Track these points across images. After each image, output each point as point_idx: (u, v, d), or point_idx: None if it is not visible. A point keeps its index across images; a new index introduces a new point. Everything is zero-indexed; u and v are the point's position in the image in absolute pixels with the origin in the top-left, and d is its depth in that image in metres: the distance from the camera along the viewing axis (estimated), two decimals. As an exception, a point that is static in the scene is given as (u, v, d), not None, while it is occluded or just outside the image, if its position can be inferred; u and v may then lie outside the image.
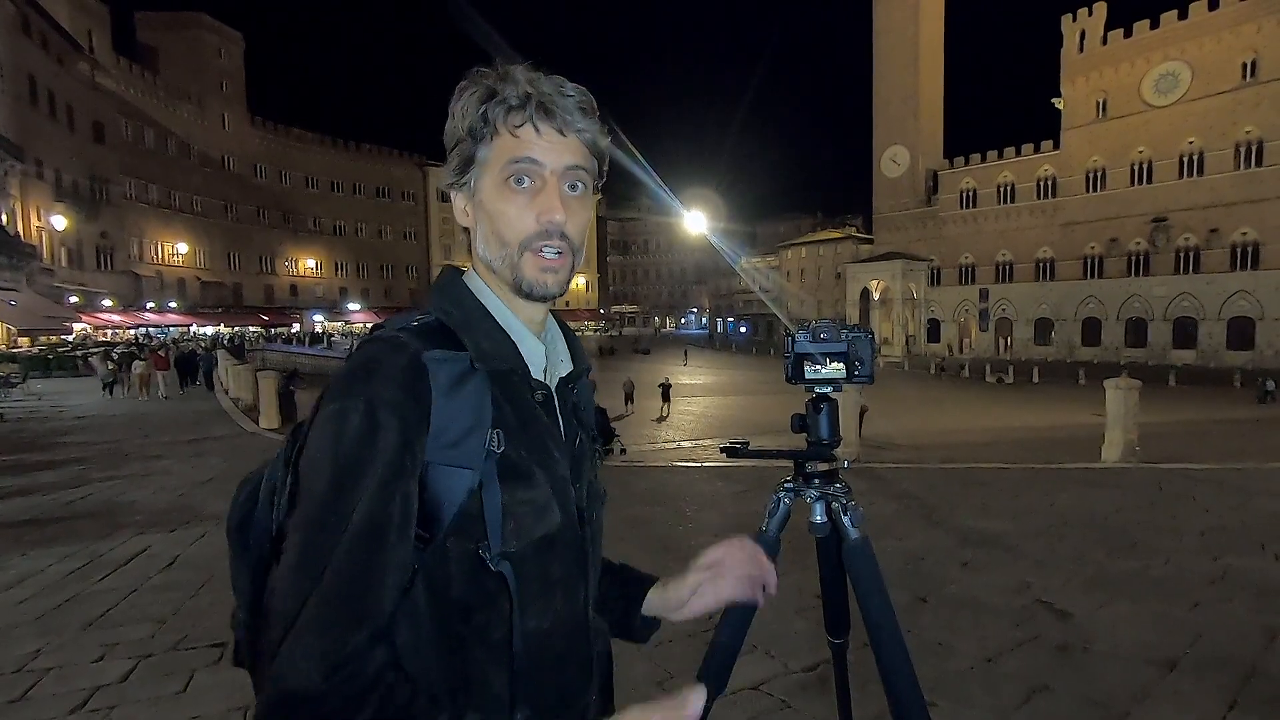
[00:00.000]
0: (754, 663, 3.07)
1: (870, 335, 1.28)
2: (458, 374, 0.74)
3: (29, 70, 36.00)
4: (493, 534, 0.72)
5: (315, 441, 0.70)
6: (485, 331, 0.79)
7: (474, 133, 0.78)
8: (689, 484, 8.02)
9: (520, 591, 0.74)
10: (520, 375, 0.80)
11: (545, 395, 0.82)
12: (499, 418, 0.75)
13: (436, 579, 0.72)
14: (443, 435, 0.71)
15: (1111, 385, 9.62)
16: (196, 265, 57.80)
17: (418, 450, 0.70)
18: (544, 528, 0.77)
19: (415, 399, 0.71)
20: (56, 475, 8.41)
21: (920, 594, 4.01)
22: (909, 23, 57.07)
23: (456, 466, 0.72)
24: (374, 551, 0.67)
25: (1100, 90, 47.39)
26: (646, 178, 3.55)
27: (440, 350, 0.74)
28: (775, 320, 76.13)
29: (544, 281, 0.80)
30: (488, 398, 0.75)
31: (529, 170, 0.78)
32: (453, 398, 0.73)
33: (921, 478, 8.12)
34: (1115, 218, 46.84)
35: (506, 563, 0.73)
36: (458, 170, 0.81)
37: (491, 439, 0.73)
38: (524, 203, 0.78)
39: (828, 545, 1.33)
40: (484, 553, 0.72)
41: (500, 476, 0.74)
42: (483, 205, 0.80)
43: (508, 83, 0.77)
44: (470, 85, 0.79)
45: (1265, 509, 6.04)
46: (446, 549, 0.72)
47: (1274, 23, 39.52)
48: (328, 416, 0.70)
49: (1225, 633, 3.44)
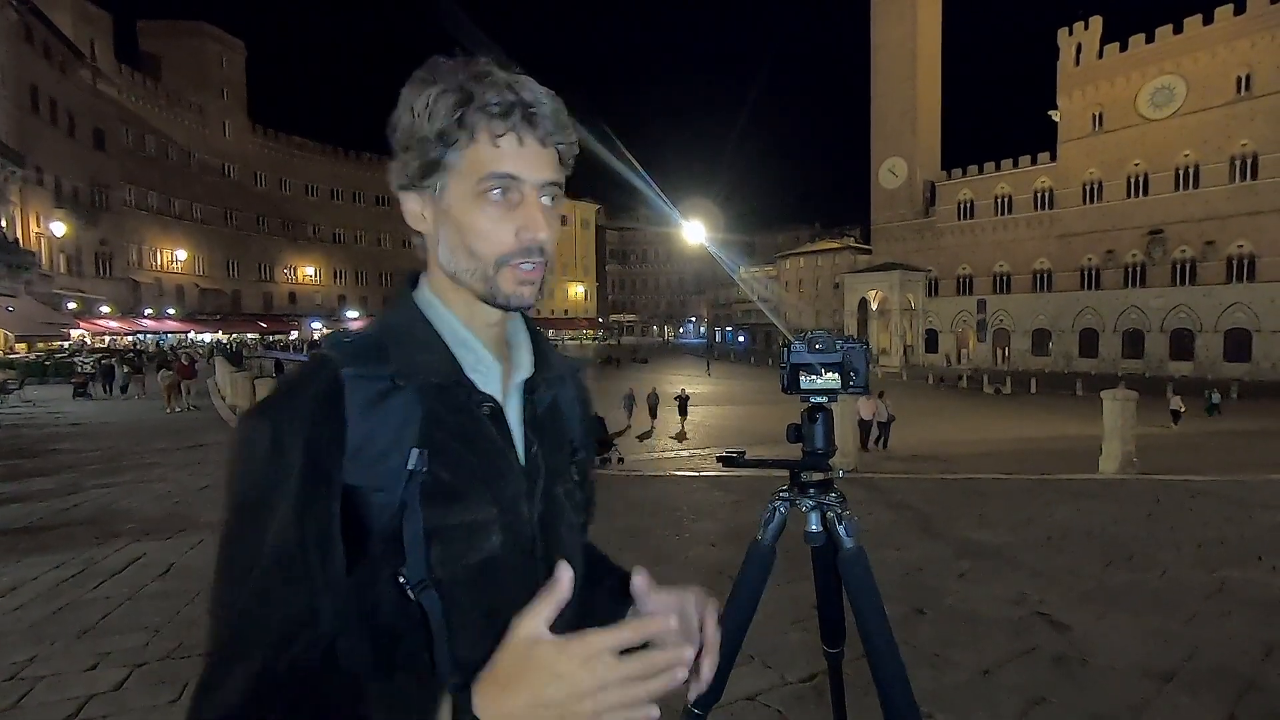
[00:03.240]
0: (750, 673, 3.05)
1: (865, 346, 1.29)
2: (377, 391, 0.69)
3: (31, 78, 36.13)
4: (412, 561, 0.67)
5: (227, 466, 0.67)
6: (421, 344, 0.74)
7: (445, 137, 0.71)
8: (686, 494, 8.00)
9: (452, 621, 0.69)
10: (460, 388, 0.74)
11: (493, 408, 0.76)
12: (427, 435, 0.70)
13: (366, 602, 0.68)
14: (360, 456, 0.67)
15: (1109, 396, 9.63)
16: (195, 272, 57.81)
17: (332, 472, 0.66)
18: (482, 552, 0.71)
19: (326, 419, 0.67)
20: (51, 482, 8.37)
21: (917, 605, 4.00)
22: (907, 36, 57.51)
23: (373, 489, 0.68)
24: (287, 579, 0.63)
25: (1096, 103, 47.73)
26: (646, 188, 3.58)
27: (361, 366, 0.70)
28: (773, 330, 76.21)
29: (521, 294, 0.76)
30: (415, 414, 0.70)
31: (508, 183, 0.73)
32: (369, 416, 0.68)
33: (919, 488, 8.11)
34: (1112, 230, 47.08)
35: (431, 592, 0.68)
36: (419, 173, 0.74)
37: (414, 459, 0.68)
38: (499, 216, 0.73)
39: (823, 555, 1.33)
40: (402, 579, 0.67)
41: (425, 498, 0.68)
42: (450, 214, 0.74)
43: (486, 86, 0.72)
44: (436, 81, 0.72)
45: (1263, 521, 6.05)
46: (374, 571, 0.68)
47: (1268, 38, 39.89)
48: (237, 441, 0.67)
49: (1223, 646, 3.43)
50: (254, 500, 0.65)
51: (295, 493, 0.64)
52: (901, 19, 57.44)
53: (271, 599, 0.63)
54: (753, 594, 1.30)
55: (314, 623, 0.64)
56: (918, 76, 57.49)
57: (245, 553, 0.64)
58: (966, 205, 55.62)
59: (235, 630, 0.62)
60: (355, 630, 0.68)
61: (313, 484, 0.65)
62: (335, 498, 0.66)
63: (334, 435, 0.67)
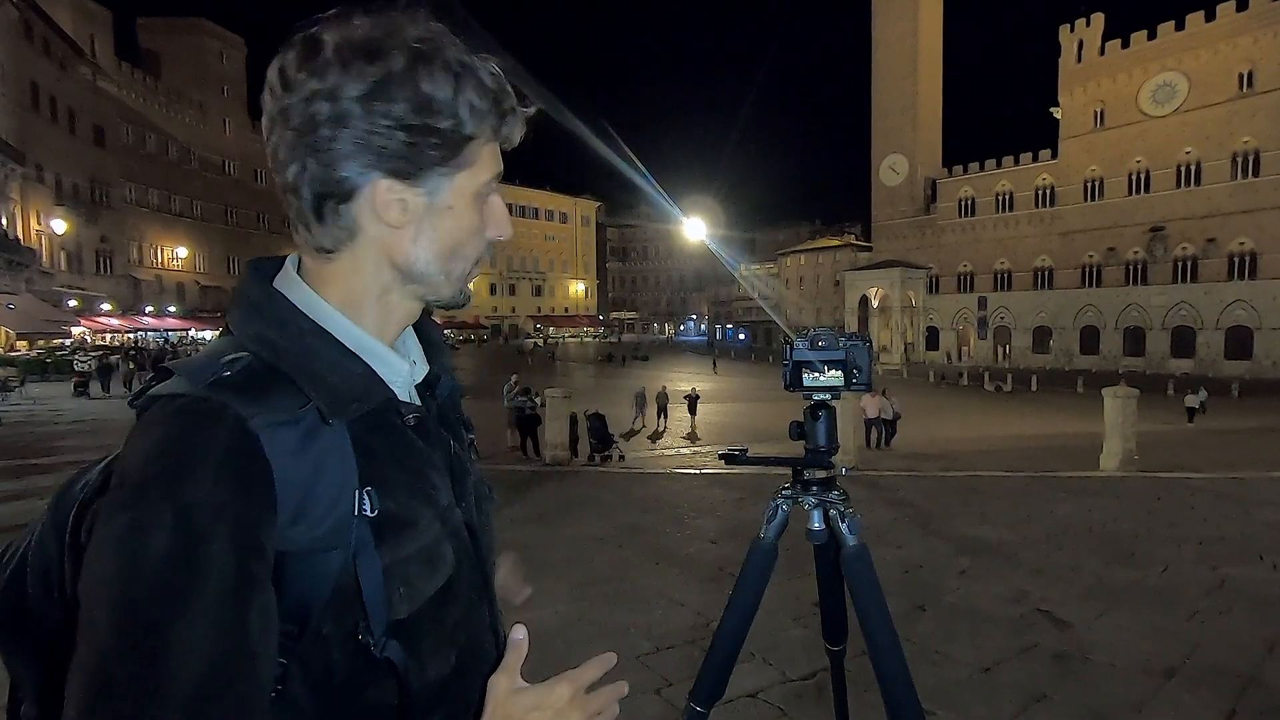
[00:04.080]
0: (752, 671, 3.06)
1: (868, 343, 1.29)
2: (304, 435, 0.58)
3: (31, 75, 36.07)
4: (374, 613, 0.60)
5: (101, 569, 0.51)
6: (331, 365, 0.62)
7: (476, 131, 0.66)
8: (687, 491, 8.01)
9: (416, 653, 0.64)
10: (387, 405, 0.66)
11: (418, 417, 0.69)
12: (368, 468, 0.61)
13: (315, 668, 0.59)
14: (300, 518, 0.57)
15: (1110, 394, 9.62)
16: (196, 269, 57.78)
17: (266, 553, 0.54)
18: (440, 577, 0.66)
19: (249, 490, 0.54)
20: (53, 480, 8.37)
21: (918, 602, 4.01)
22: (908, 33, 57.37)
23: (320, 551, 0.58)
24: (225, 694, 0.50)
25: (1098, 100, 47.63)
26: (646, 185, 3.58)
27: (268, 409, 0.57)
28: (774, 327, 76.17)
29: (469, 292, 0.73)
30: (348, 451, 0.60)
31: (495, 185, 0.70)
32: (301, 468, 0.57)
33: (919, 486, 8.12)
34: (1113, 227, 47.01)
35: (394, 642, 0.61)
36: (440, 161, 0.64)
37: (361, 501, 0.59)
38: (481, 218, 0.70)
39: (825, 552, 1.33)
40: (364, 637, 0.60)
41: (378, 539, 0.60)
42: (451, 213, 0.67)
43: (502, 86, 0.67)
44: (455, 69, 0.63)
45: (1263, 518, 6.04)
46: (323, 636, 0.59)
47: (1270, 34, 39.79)
48: (115, 535, 0.51)
49: (1223, 643, 3.44)
50: (161, 616, 0.49)
51: (229, 598, 0.51)
52: (903, 15, 57.28)
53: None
54: (754, 591, 1.30)
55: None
56: (919, 73, 57.36)
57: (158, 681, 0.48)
58: (967, 202, 55.53)
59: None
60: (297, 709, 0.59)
61: (252, 579, 0.53)
62: (268, 579, 0.55)
63: (263, 506, 0.55)
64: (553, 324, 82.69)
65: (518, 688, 0.64)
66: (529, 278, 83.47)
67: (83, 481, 0.65)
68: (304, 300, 0.65)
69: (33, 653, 0.64)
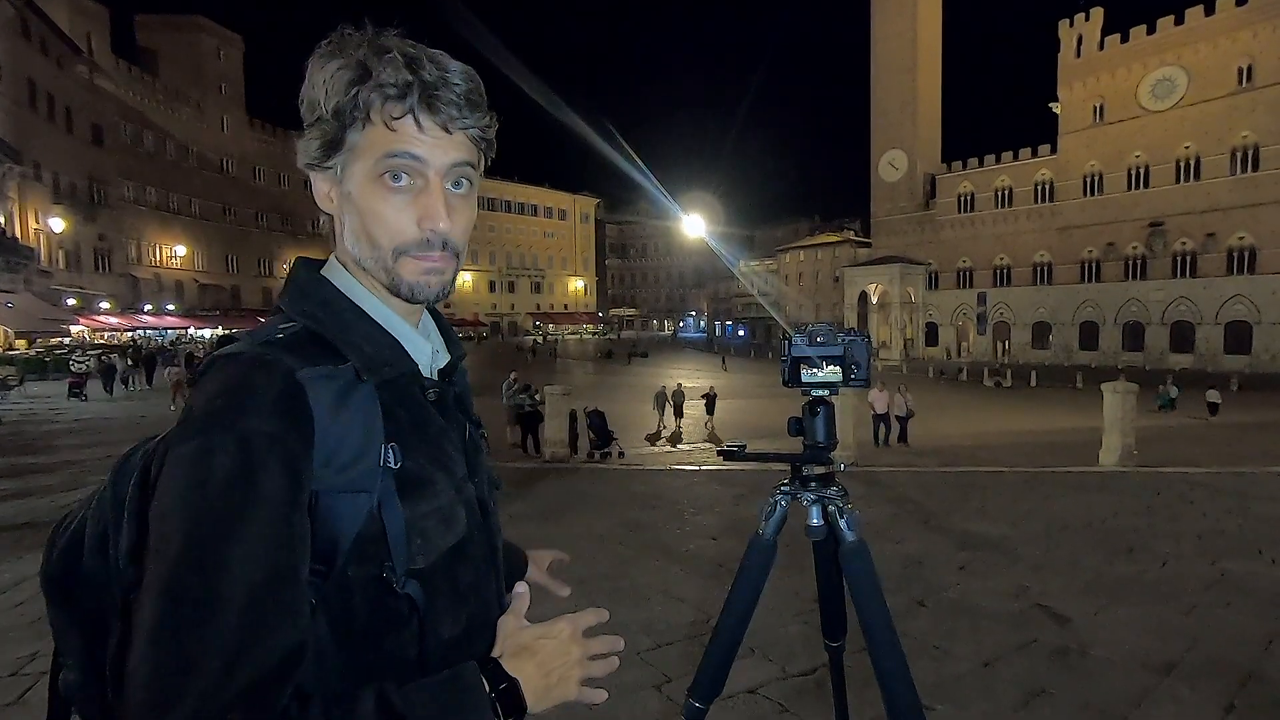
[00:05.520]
0: (751, 666, 3.06)
1: (867, 339, 1.29)
2: (341, 390, 0.66)
3: (28, 73, 35.96)
4: (397, 555, 0.67)
5: (173, 489, 0.58)
6: (366, 336, 0.71)
7: (340, 115, 0.68)
8: (686, 487, 8.01)
9: (432, 606, 0.70)
10: (411, 378, 0.74)
11: (438, 394, 0.77)
12: (392, 429, 0.68)
13: (338, 612, 0.66)
14: (332, 460, 0.64)
15: (1109, 389, 9.63)
16: (194, 268, 57.71)
17: (305, 483, 0.62)
18: (453, 536, 0.72)
19: (295, 426, 0.62)
20: (53, 478, 8.38)
21: (918, 598, 4.01)
22: (907, 28, 57.24)
23: (351, 492, 0.65)
24: (280, 610, 0.58)
25: (1097, 95, 47.53)
26: (645, 181, 3.57)
27: (314, 364, 0.65)
28: (773, 324, 76.16)
29: (427, 283, 0.72)
30: (377, 410, 0.67)
31: (408, 167, 0.69)
32: (338, 417, 0.64)
33: (919, 481, 8.12)
34: (1112, 222, 46.95)
35: (414, 582, 0.68)
36: (321, 152, 0.70)
37: (386, 454, 0.67)
38: (402, 203, 0.69)
39: (825, 548, 1.33)
40: (389, 575, 0.67)
41: (400, 492, 0.67)
42: (352, 199, 0.70)
43: (384, 62, 0.66)
44: (336, 54, 0.68)
45: (1262, 513, 6.05)
46: (348, 578, 0.66)
47: (1270, 29, 39.68)
48: (187, 458, 0.59)
49: (1223, 637, 3.44)
50: (223, 529, 0.57)
51: (281, 511, 0.59)
52: (902, 10, 57.15)
53: (267, 632, 0.57)
54: (754, 587, 1.30)
55: (304, 658, 0.60)
56: (918, 68, 57.24)
57: (210, 591, 0.55)
58: (967, 198, 55.46)
59: (219, 674, 0.54)
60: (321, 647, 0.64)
61: (290, 502, 0.60)
62: (306, 512, 0.62)
63: (306, 446, 0.62)
64: (552, 321, 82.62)
65: (525, 625, 0.73)
66: (528, 275, 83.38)
67: (142, 450, 0.72)
68: (344, 283, 0.74)
69: (81, 616, 0.71)
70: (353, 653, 0.67)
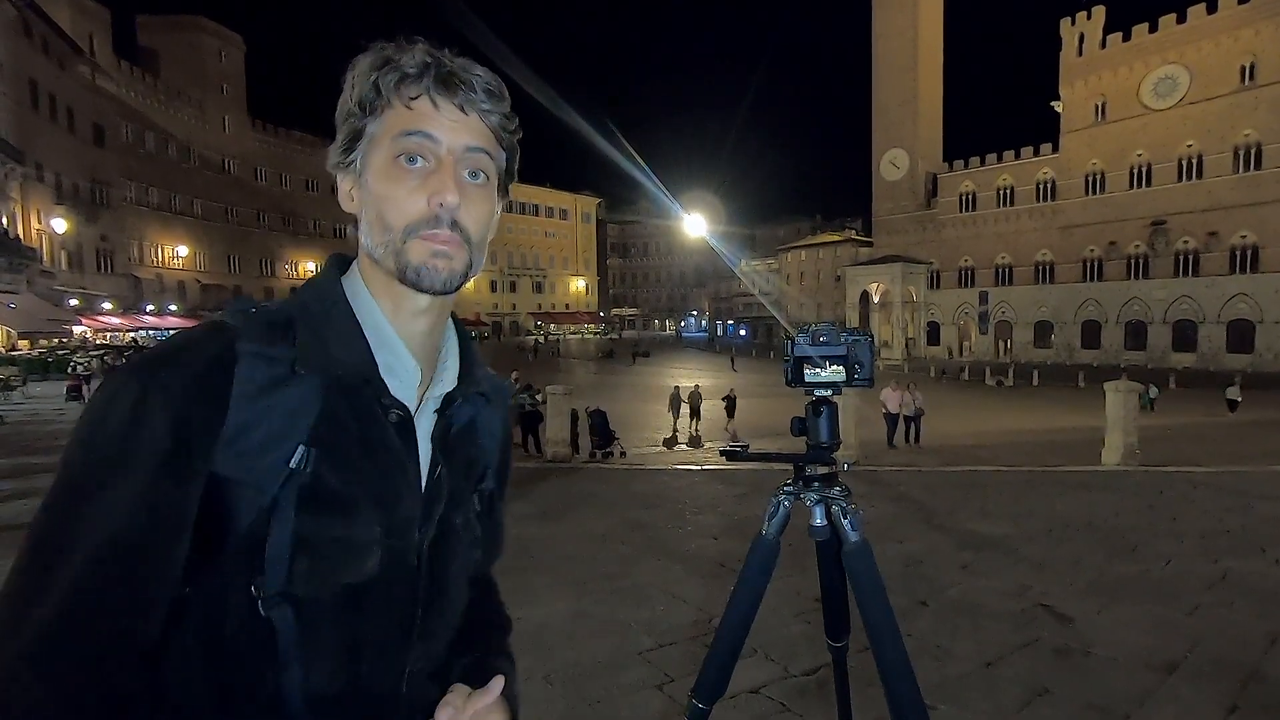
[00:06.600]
0: (753, 666, 3.06)
1: (870, 338, 1.29)
2: (279, 375, 0.62)
3: (30, 73, 36.01)
4: (272, 570, 0.60)
5: (80, 421, 0.59)
6: (337, 332, 0.67)
7: (364, 104, 0.68)
8: (688, 487, 8.01)
9: (305, 645, 0.62)
10: (369, 389, 0.67)
11: (401, 417, 0.69)
12: (321, 433, 0.63)
13: (210, 612, 0.61)
14: (236, 441, 0.60)
15: (1111, 388, 9.62)
16: (196, 268, 57.78)
17: (197, 453, 0.58)
18: (353, 574, 0.64)
19: (206, 393, 0.59)
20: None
21: (920, 597, 4.01)
22: (908, 26, 57.17)
23: (246, 483, 0.60)
24: (122, 575, 0.55)
25: (1099, 94, 47.46)
26: (647, 181, 3.57)
27: (261, 343, 0.63)
28: (775, 323, 76.11)
29: (434, 266, 0.67)
30: (312, 408, 0.63)
31: (422, 147, 0.68)
32: (260, 400, 0.61)
33: (921, 481, 8.12)
34: (1114, 221, 46.88)
35: (286, 609, 0.61)
36: (344, 148, 0.71)
37: (297, 456, 0.61)
38: (414, 184, 0.68)
39: (827, 549, 1.33)
40: (256, 590, 0.60)
41: (301, 502, 0.61)
42: (368, 186, 0.70)
43: (406, 54, 0.68)
44: (364, 55, 0.69)
45: (1265, 512, 6.04)
46: (225, 576, 0.61)
47: (1272, 26, 39.60)
48: (99, 396, 0.59)
49: (1225, 637, 3.44)
50: (98, 472, 0.56)
51: (151, 472, 0.56)
52: (903, 8, 57.08)
53: (99, 596, 0.54)
54: (756, 587, 1.30)
55: (140, 635, 0.56)
56: (919, 67, 57.18)
57: (74, 533, 0.55)
58: (968, 197, 55.41)
59: (44, 628, 0.52)
60: (189, 650, 0.60)
61: (174, 466, 0.57)
62: (197, 487, 0.59)
63: (211, 415, 0.59)
64: (553, 321, 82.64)
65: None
66: (529, 274, 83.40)
67: None
68: (350, 284, 0.72)
69: None
70: (215, 666, 0.61)
